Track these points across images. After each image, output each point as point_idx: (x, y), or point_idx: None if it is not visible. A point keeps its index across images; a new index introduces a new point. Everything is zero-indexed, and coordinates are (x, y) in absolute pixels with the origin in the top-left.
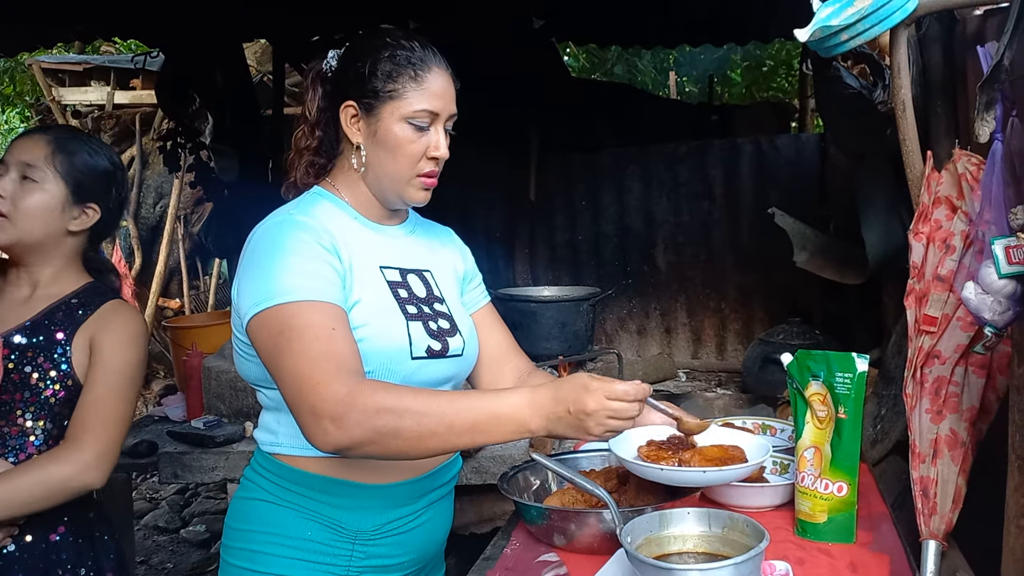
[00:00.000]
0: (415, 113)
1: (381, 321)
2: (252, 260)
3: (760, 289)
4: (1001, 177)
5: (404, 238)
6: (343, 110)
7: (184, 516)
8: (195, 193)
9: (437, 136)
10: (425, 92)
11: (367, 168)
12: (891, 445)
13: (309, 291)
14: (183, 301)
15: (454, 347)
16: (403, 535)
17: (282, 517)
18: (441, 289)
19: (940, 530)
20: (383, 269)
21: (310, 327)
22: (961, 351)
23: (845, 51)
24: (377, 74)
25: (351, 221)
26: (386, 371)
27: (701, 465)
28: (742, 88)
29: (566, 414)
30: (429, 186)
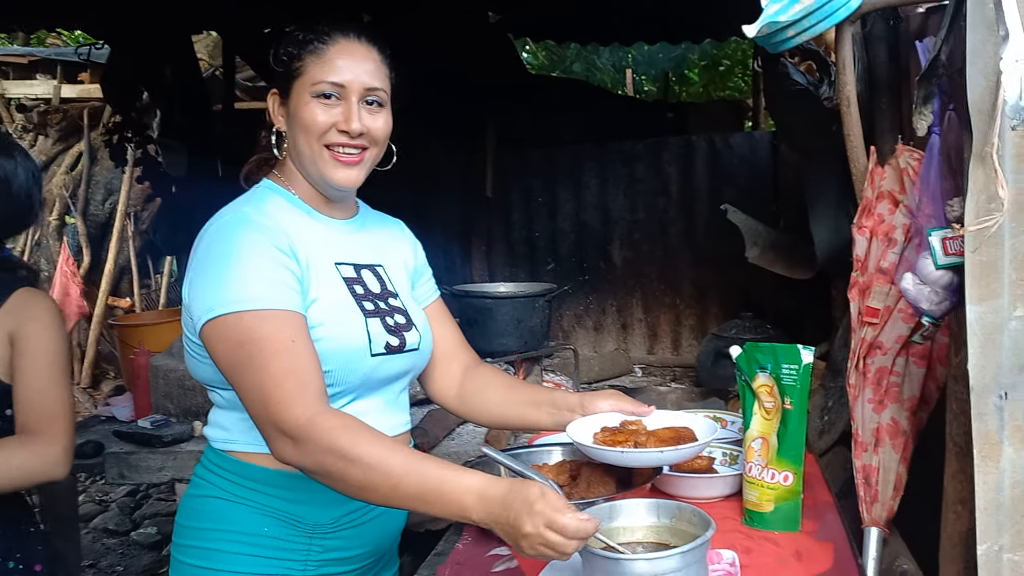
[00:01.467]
0: (317, 84)
1: (339, 319)
2: (206, 260)
3: (714, 285)
4: (939, 170)
5: (355, 233)
6: (270, 100)
7: (135, 518)
8: (145, 189)
9: (349, 109)
10: (326, 63)
11: (289, 153)
12: (837, 436)
13: (268, 299)
14: (134, 300)
15: (411, 342)
16: (360, 527)
17: (236, 513)
18: (394, 284)
19: (882, 517)
20: (338, 265)
21: (270, 340)
22: (902, 342)
23: (792, 47)
24: (283, 54)
25: (303, 216)
26: (346, 369)
27: (657, 446)
28: (699, 87)
29: (506, 523)
30: (345, 162)
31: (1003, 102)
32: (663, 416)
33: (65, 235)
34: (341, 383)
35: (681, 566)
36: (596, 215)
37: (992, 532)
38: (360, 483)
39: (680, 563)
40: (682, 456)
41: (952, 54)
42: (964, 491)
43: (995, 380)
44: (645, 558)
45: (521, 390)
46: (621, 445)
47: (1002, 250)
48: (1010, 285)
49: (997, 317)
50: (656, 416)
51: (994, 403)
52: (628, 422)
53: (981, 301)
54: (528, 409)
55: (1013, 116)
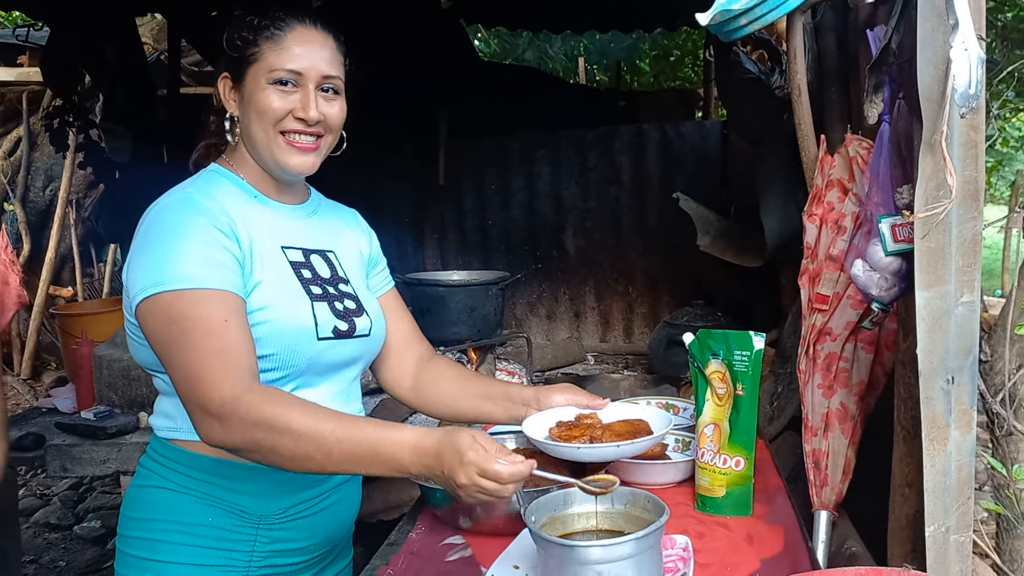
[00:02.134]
0: (274, 71)
1: (285, 302)
2: (145, 241)
3: (666, 273)
4: (888, 158)
5: (306, 219)
6: (220, 84)
7: (78, 512)
8: (88, 176)
9: (306, 97)
10: (284, 50)
11: (242, 137)
12: (786, 421)
13: (203, 279)
14: (76, 289)
15: (361, 327)
16: (308, 518)
17: (182, 504)
18: (346, 270)
19: (831, 500)
20: (285, 249)
21: (202, 318)
22: (851, 328)
23: (744, 36)
24: (237, 39)
25: (251, 200)
26: (292, 352)
27: (612, 440)
28: (650, 77)
29: (441, 474)
30: (301, 149)
31: (952, 90)
32: (618, 408)
33: (3, 223)
34: (286, 367)
35: (635, 552)
36: (549, 203)
37: (939, 514)
38: (292, 453)
39: (634, 549)
40: (637, 450)
41: (902, 43)
42: (911, 474)
43: (942, 364)
44: (600, 545)
45: (475, 383)
46: (576, 440)
47: (949, 237)
48: (957, 271)
49: (944, 303)
50: (611, 409)
51: (941, 387)
52: (583, 416)
53: (929, 287)
54: (482, 402)
55: (962, 104)
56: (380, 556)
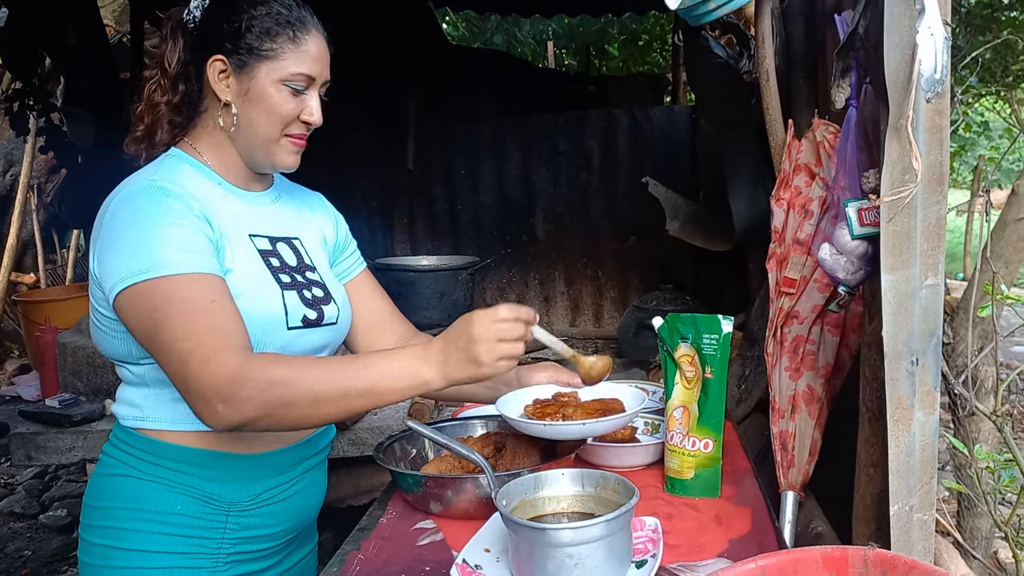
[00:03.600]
0: (292, 76)
1: (255, 291)
2: (115, 230)
3: (635, 257)
4: (855, 142)
5: (270, 205)
6: (210, 65)
7: (43, 501)
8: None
9: (312, 101)
10: (303, 55)
11: (237, 128)
12: (754, 404)
13: (183, 263)
14: (39, 276)
15: (329, 315)
16: (278, 504)
17: (148, 492)
18: (311, 257)
19: (798, 481)
20: (252, 238)
21: (190, 301)
22: (818, 311)
23: (713, 20)
24: (253, 31)
25: (215, 187)
26: (261, 342)
27: (582, 418)
28: (619, 62)
29: (455, 350)
30: (298, 148)
31: (918, 75)
32: (597, 388)
33: None
34: None
35: (606, 534)
36: (519, 188)
37: (903, 493)
38: (311, 400)
39: (605, 531)
40: (606, 428)
41: (869, 28)
42: (876, 454)
43: (907, 346)
44: (570, 527)
45: None
46: (550, 418)
47: (915, 220)
48: (921, 254)
49: (909, 285)
50: (589, 388)
51: (906, 369)
52: (561, 394)
53: (894, 270)
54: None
55: (928, 89)
56: (351, 541)
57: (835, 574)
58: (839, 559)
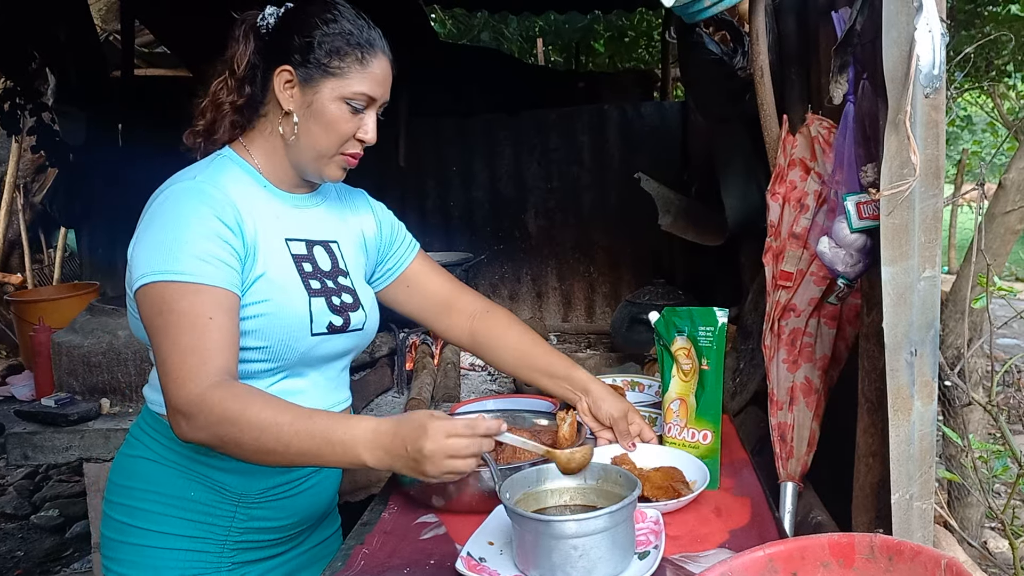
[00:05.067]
0: (355, 95)
1: (282, 297)
2: (150, 226)
3: (627, 252)
4: (853, 137)
5: (313, 208)
6: (278, 74)
7: (34, 501)
8: (36, 159)
9: (370, 120)
10: (368, 76)
11: (296, 137)
12: (749, 396)
13: (196, 273)
14: (26, 275)
15: (355, 322)
16: (287, 499)
17: (165, 476)
18: (346, 261)
19: (796, 472)
20: (289, 242)
21: (186, 314)
22: (814, 304)
23: (707, 17)
24: (324, 47)
25: (260, 190)
26: (285, 347)
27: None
28: (605, 58)
29: (404, 452)
30: (350, 165)
31: (916, 71)
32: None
33: None
34: (278, 359)
35: (609, 526)
36: (510, 184)
37: (904, 482)
38: (254, 447)
39: (608, 523)
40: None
41: (866, 24)
42: (875, 444)
43: (906, 337)
44: (575, 519)
45: (539, 353)
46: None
47: (913, 213)
48: (919, 247)
49: (908, 277)
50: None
51: (905, 359)
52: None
53: (894, 262)
54: (543, 379)
55: (927, 84)
56: (354, 536)
57: (842, 560)
58: (846, 546)
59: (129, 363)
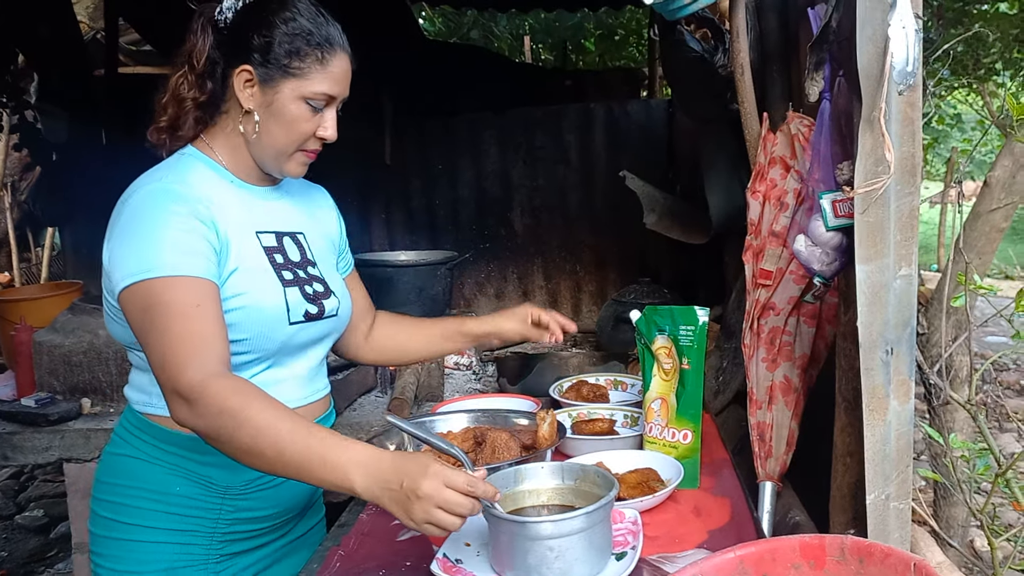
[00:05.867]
0: (315, 95)
1: (258, 288)
2: (125, 229)
3: (613, 251)
4: (829, 135)
5: (278, 200)
6: (238, 74)
7: (19, 501)
8: (23, 158)
9: (330, 118)
10: (328, 76)
11: (256, 135)
12: (732, 395)
13: (177, 266)
14: (13, 274)
15: (329, 308)
16: (271, 490)
17: (150, 473)
18: (314, 252)
19: (775, 471)
20: (259, 234)
21: (174, 304)
22: (794, 303)
23: (688, 14)
24: (284, 47)
25: (228, 185)
26: (264, 337)
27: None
28: (595, 56)
29: (398, 487)
30: (310, 160)
31: (891, 68)
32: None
33: None
34: (258, 350)
35: (586, 526)
36: (496, 183)
37: (879, 482)
38: (247, 447)
39: (585, 523)
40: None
41: (842, 22)
42: (852, 444)
43: (881, 336)
44: (550, 520)
45: (428, 326)
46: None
47: (888, 211)
48: (895, 245)
49: (883, 276)
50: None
51: (881, 358)
52: None
53: (869, 261)
54: (443, 343)
55: (900, 81)
56: (331, 538)
57: (813, 562)
58: (816, 547)
59: (110, 363)
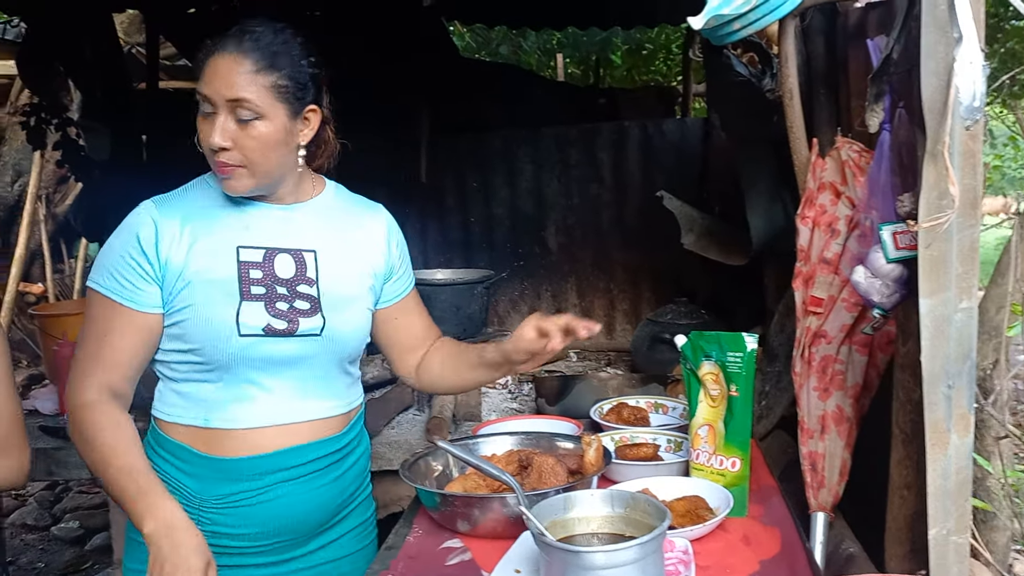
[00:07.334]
0: (200, 98)
1: (207, 301)
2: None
3: (647, 270)
4: (889, 166)
5: (292, 216)
6: None
7: (55, 512)
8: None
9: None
10: (202, 78)
11: None
12: (776, 420)
13: (111, 289)
14: (46, 286)
15: (307, 327)
16: (245, 508)
17: None
18: (322, 271)
19: (828, 502)
20: (240, 249)
21: (94, 322)
22: (846, 331)
23: (737, 39)
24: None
25: (224, 204)
26: (213, 347)
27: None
28: (623, 71)
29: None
30: (224, 174)
31: (956, 103)
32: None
33: None
34: (212, 361)
35: (639, 557)
36: (530, 200)
37: (940, 517)
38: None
39: (639, 554)
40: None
41: (903, 53)
42: (910, 476)
43: (943, 370)
44: (604, 550)
45: (461, 357)
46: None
47: (951, 245)
48: (956, 278)
49: (945, 309)
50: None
51: (943, 392)
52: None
53: (932, 294)
54: (477, 373)
55: (967, 116)
56: (379, 561)
57: None
58: None
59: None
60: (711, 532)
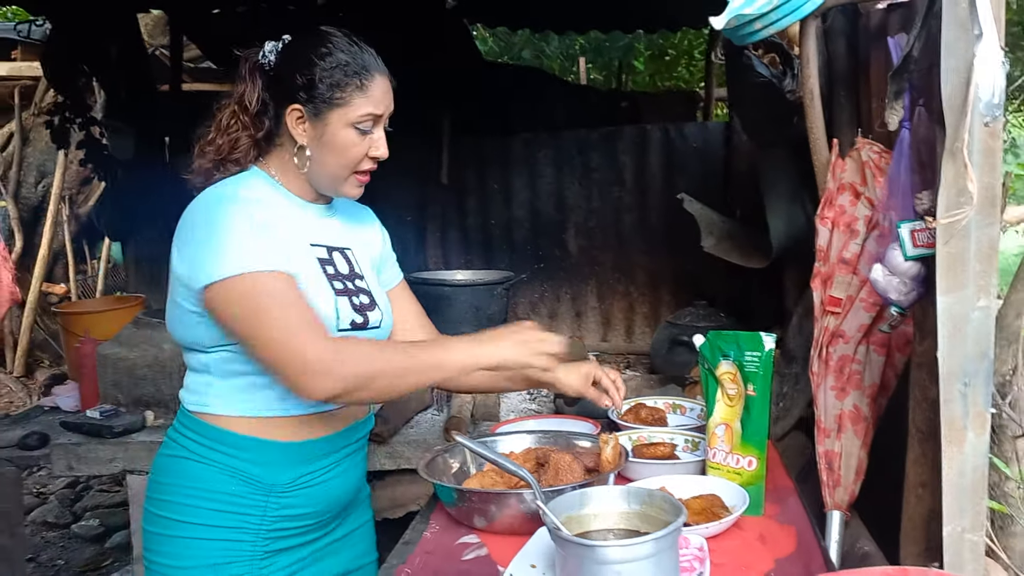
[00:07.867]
0: (360, 118)
1: (313, 294)
2: (200, 232)
3: (667, 273)
4: (908, 164)
5: (329, 217)
6: (289, 112)
7: (75, 510)
8: (80, 172)
9: (379, 137)
10: (369, 99)
11: (310, 166)
12: (793, 421)
13: (269, 262)
14: (69, 286)
15: (373, 320)
16: (314, 488)
17: (200, 472)
18: (360, 266)
19: (844, 501)
20: (313, 246)
21: (278, 294)
22: (864, 331)
23: (758, 39)
24: (325, 82)
25: (284, 200)
26: None
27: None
28: (646, 76)
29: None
30: (364, 182)
31: (976, 99)
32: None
33: None
34: None
35: (654, 552)
36: (551, 203)
37: (955, 514)
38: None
39: (653, 549)
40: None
41: (923, 51)
42: (926, 475)
43: (960, 368)
44: (620, 544)
45: None
46: None
47: (969, 242)
48: (975, 276)
49: (963, 307)
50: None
51: (959, 390)
52: None
53: (949, 292)
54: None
55: (987, 113)
56: (396, 555)
57: None
58: None
59: (174, 375)
60: (727, 530)
